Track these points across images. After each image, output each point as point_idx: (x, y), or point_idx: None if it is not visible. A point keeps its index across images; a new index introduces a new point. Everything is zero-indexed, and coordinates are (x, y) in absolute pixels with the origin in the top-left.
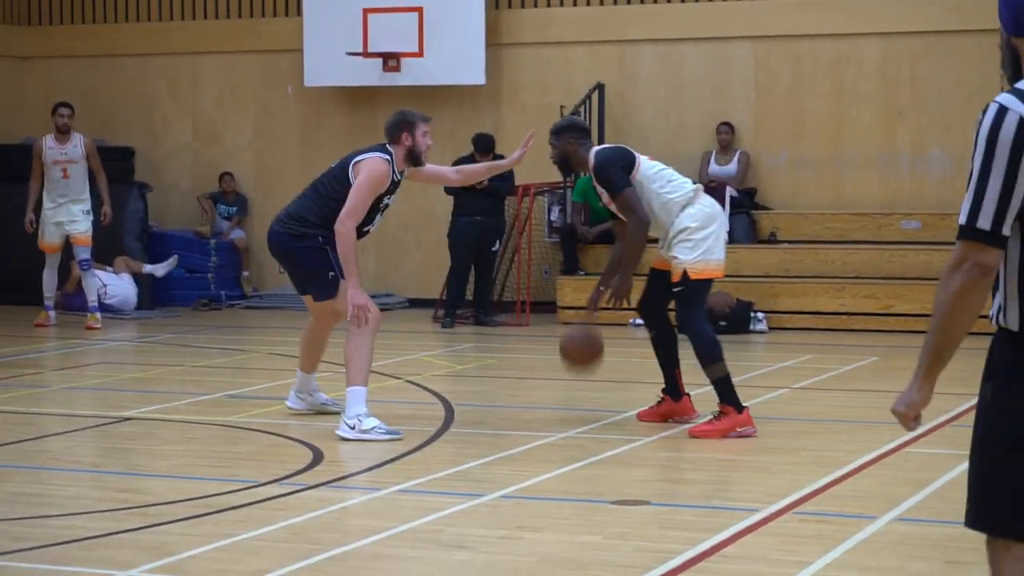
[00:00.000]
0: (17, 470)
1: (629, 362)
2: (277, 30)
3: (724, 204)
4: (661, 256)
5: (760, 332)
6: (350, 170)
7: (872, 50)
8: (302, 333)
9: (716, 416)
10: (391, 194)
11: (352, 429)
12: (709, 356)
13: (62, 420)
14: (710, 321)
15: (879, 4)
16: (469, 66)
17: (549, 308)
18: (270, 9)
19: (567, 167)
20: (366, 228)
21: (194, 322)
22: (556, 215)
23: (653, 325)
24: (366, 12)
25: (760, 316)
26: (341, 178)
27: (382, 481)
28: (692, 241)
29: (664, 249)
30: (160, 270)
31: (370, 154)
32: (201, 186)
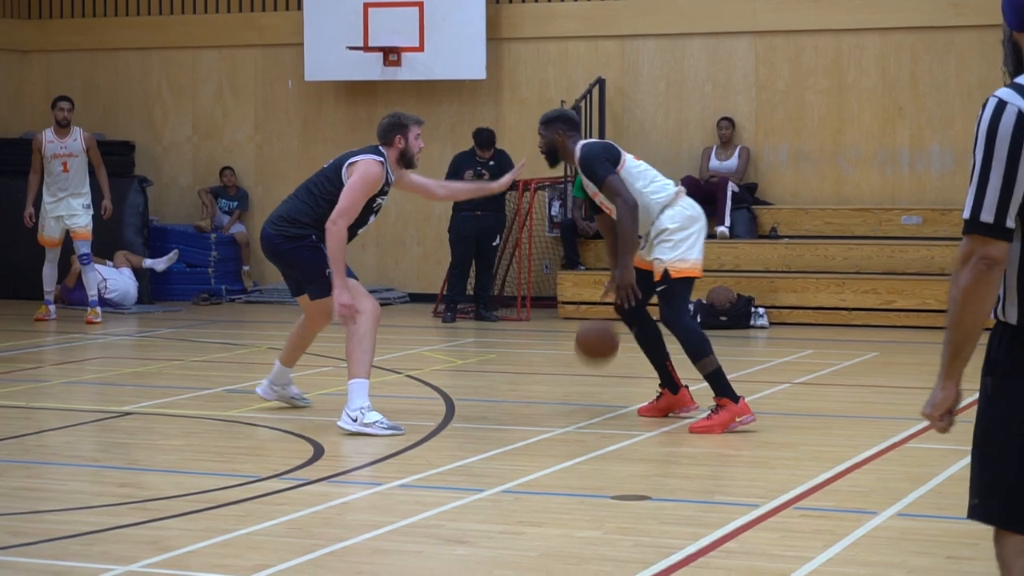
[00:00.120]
0: (16, 465)
1: (630, 357)
2: (277, 24)
3: (725, 199)
4: (641, 256)
5: (761, 327)
6: (343, 171)
7: (873, 45)
8: (293, 327)
9: (714, 410)
10: (384, 195)
11: (354, 422)
12: (698, 351)
13: (62, 415)
14: (711, 316)
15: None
16: (469, 61)
17: (550, 303)
18: (270, 3)
19: (554, 156)
20: (359, 229)
21: (194, 317)
22: (557, 210)
23: (633, 322)
24: (366, 6)
25: (761, 311)
26: (334, 179)
27: (383, 476)
28: (672, 241)
29: (645, 250)
30: (160, 264)
31: (364, 155)
32: (201, 180)
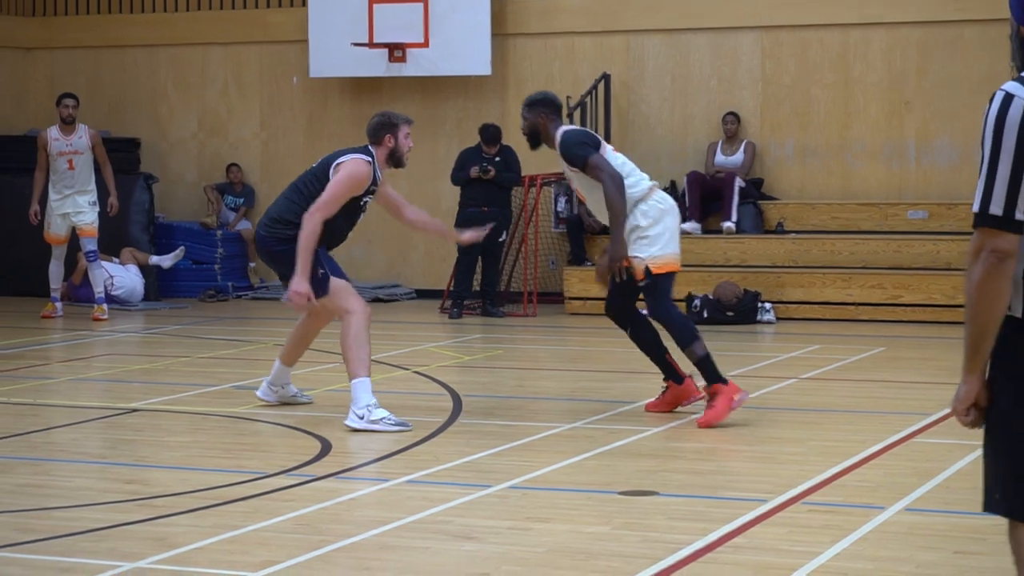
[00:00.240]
0: (23, 461)
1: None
2: (282, 21)
3: (732, 194)
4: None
5: (767, 322)
6: (331, 170)
7: (879, 40)
8: (294, 326)
9: (710, 400)
10: (370, 194)
11: (361, 420)
12: (686, 338)
13: (69, 412)
14: (718, 311)
15: None
16: (475, 56)
17: (556, 299)
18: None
19: (536, 139)
20: (348, 229)
21: (200, 313)
22: (563, 206)
23: (626, 322)
24: (371, 2)
25: (767, 306)
26: (322, 177)
27: (390, 472)
28: (648, 238)
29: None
30: (166, 261)
31: (352, 155)
32: (207, 177)
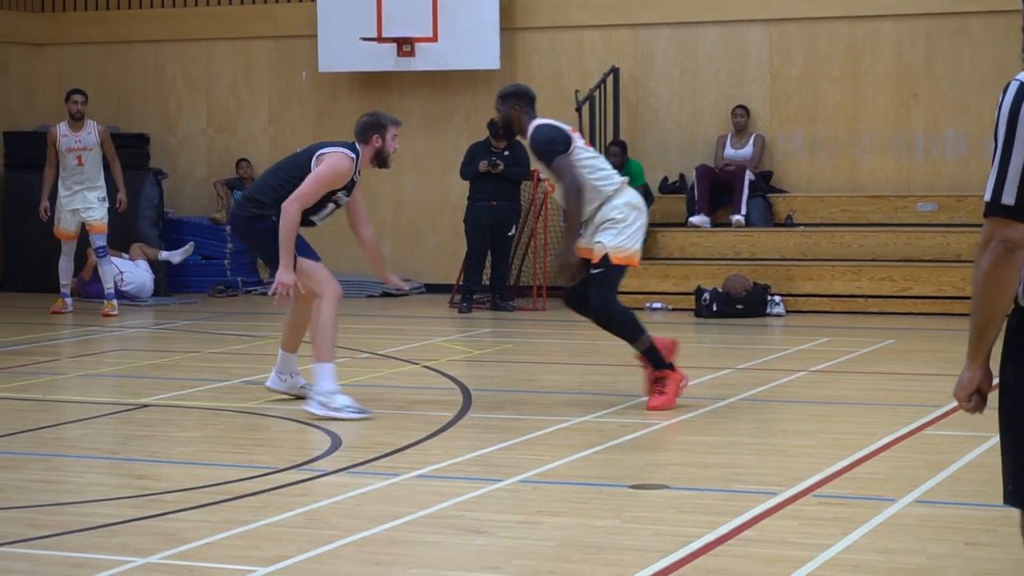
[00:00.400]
0: (34, 457)
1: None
2: (291, 15)
3: (742, 188)
4: (581, 242)
5: (777, 315)
6: (314, 160)
7: (887, 32)
8: (286, 314)
9: (659, 384)
10: (347, 191)
11: (323, 407)
12: (632, 331)
13: (79, 407)
14: (728, 304)
15: None
16: (483, 51)
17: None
18: None
19: (509, 130)
20: (313, 218)
21: (210, 308)
22: None
23: (584, 310)
24: None
25: (777, 299)
26: (304, 164)
27: (401, 466)
28: (616, 228)
29: (586, 236)
30: (176, 257)
31: (337, 148)
32: (216, 172)
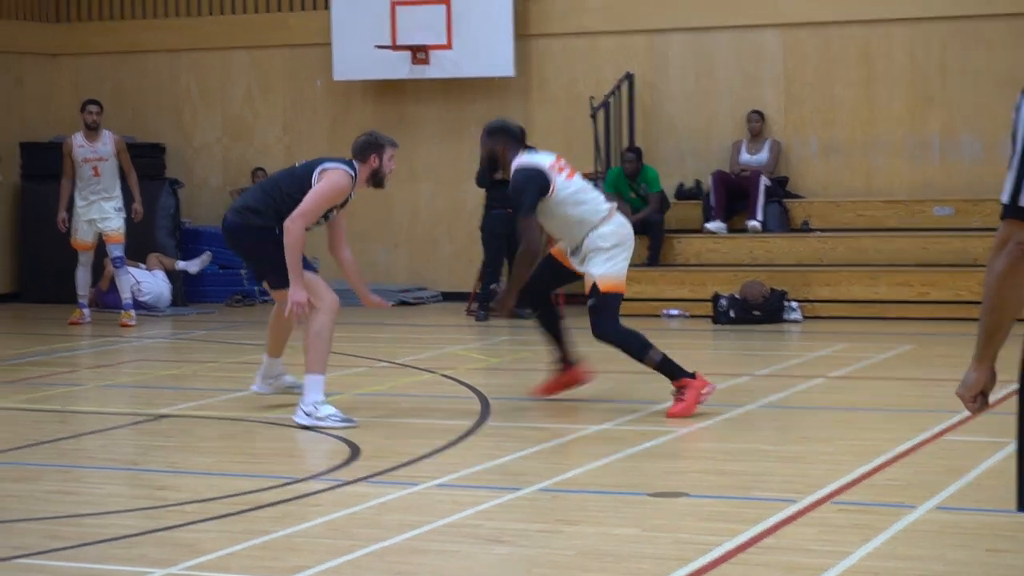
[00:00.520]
0: (53, 468)
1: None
2: (305, 24)
3: (758, 193)
4: (569, 260)
5: (794, 321)
6: (314, 174)
7: (901, 36)
8: (269, 320)
9: (679, 394)
10: (341, 207)
11: (308, 416)
12: (639, 350)
13: (97, 418)
14: (745, 311)
15: None
16: (498, 57)
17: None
18: (298, 2)
19: (494, 166)
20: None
21: (228, 318)
22: None
23: (537, 306)
24: (393, 4)
25: (794, 305)
26: (304, 180)
27: (420, 476)
28: (604, 256)
29: (576, 259)
30: (193, 266)
31: (337, 165)
32: (232, 181)
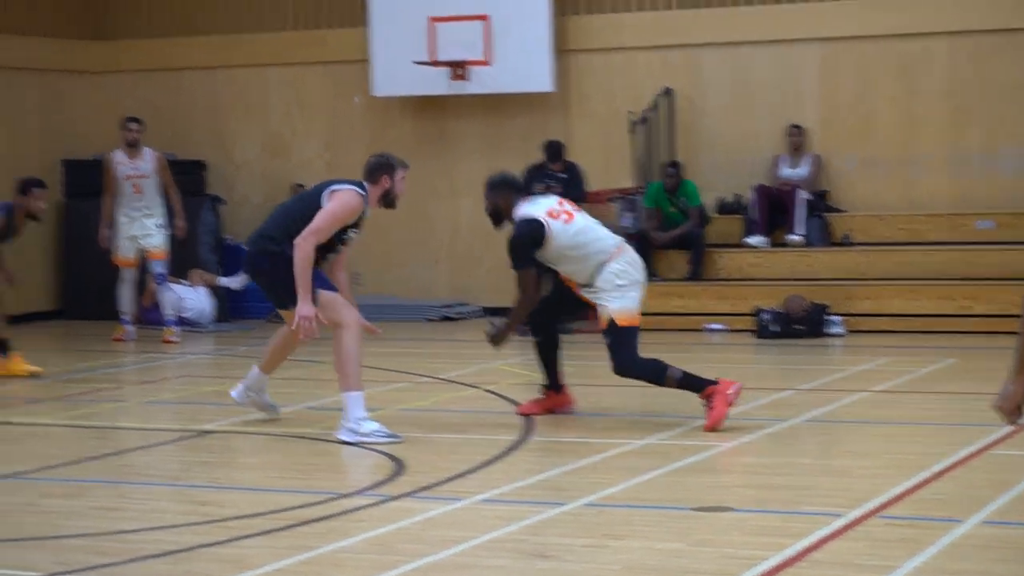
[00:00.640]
0: (98, 484)
1: (708, 367)
2: (344, 41)
3: (799, 207)
4: (583, 293)
5: (837, 335)
6: (324, 196)
7: (940, 49)
8: (275, 336)
9: (708, 405)
10: (356, 228)
11: (352, 433)
12: (659, 376)
13: (142, 434)
14: (787, 324)
15: (946, 3)
16: (537, 73)
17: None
18: (336, 19)
19: (498, 218)
20: (328, 254)
21: (269, 334)
22: (628, 221)
23: (539, 332)
24: (432, 20)
25: (836, 319)
26: (314, 201)
27: (464, 491)
28: (618, 292)
29: (591, 293)
30: (236, 283)
31: (347, 186)
32: (272, 198)
